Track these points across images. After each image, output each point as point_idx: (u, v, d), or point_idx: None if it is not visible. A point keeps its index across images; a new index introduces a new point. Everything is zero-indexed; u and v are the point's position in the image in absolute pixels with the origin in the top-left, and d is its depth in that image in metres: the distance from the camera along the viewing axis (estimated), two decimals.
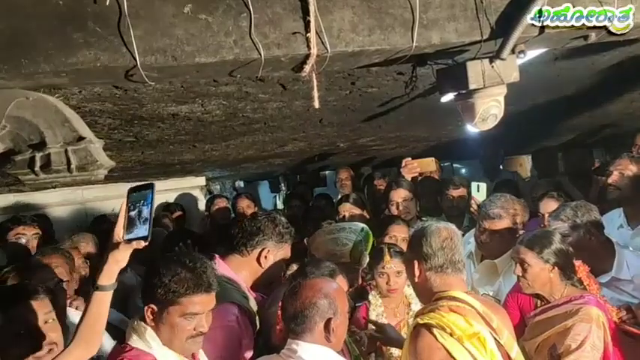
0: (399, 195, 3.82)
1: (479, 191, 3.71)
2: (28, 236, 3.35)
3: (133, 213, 1.59)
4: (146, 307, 1.85)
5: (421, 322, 1.87)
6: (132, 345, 1.84)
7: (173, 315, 1.82)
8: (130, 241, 1.58)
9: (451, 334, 1.81)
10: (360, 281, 2.68)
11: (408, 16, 1.78)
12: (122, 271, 1.70)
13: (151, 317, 1.84)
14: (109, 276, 1.62)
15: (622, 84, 3.59)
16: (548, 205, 3.28)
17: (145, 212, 1.58)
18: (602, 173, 3.46)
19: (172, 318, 1.82)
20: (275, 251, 2.40)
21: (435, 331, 1.82)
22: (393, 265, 2.78)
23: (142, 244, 1.58)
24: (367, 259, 2.66)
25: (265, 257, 2.38)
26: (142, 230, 1.57)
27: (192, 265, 1.85)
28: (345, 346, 2.32)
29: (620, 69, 3.09)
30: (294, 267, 2.72)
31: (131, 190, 1.63)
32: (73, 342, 1.65)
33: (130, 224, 1.59)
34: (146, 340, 1.83)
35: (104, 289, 1.63)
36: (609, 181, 3.12)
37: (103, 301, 1.64)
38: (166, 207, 5.05)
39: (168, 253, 2.12)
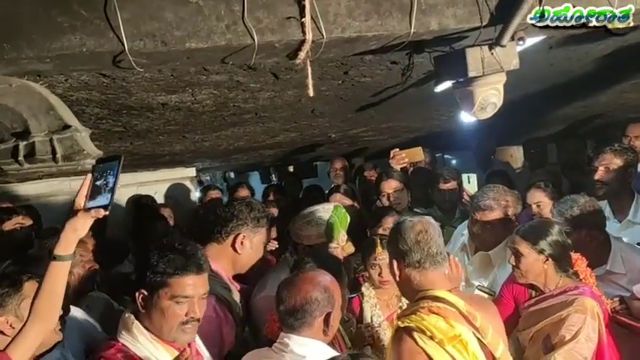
0: (390, 186, 3.80)
1: (470, 182, 3.70)
2: (26, 227, 3.28)
3: (98, 182, 1.56)
4: (137, 293, 1.80)
5: (402, 325, 1.82)
6: (119, 340, 1.80)
7: (163, 298, 1.77)
8: (89, 209, 1.54)
9: (431, 338, 1.77)
10: (341, 260, 2.67)
11: (406, 0, 1.74)
12: (119, 263, 1.69)
13: (142, 303, 1.79)
14: (66, 245, 1.57)
15: (614, 74, 3.58)
16: (535, 196, 3.30)
17: (110, 182, 1.56)
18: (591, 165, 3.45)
19: (162, 302, 1.77)
20: (251, 236, 2.35)
21: (415, 334, 1.78)
22: (384, 256, 2.76)
23: (102, 212, 1.55)
24: (345, 237, 2.66)
25: (241, 243, 2.33)
26: (104, 199, 1.54)
27: (181, 248, 1.83)
28: (341, 337, 2.30)
29: (613, 59, 3.08)
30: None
31: (98, 162, 1.61)
32: (28, 319, 1.60)
33: (94, 193, 1.56)
34: (134, 333, 1.78)
35: (61, 258, 1.57)
36: (596, 177, 3.12)
37: (60, 272, 1.58)
38: (138, 199, 4.89)
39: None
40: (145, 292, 1.79)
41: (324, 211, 2.65)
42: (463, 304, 1.87)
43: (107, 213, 1.55)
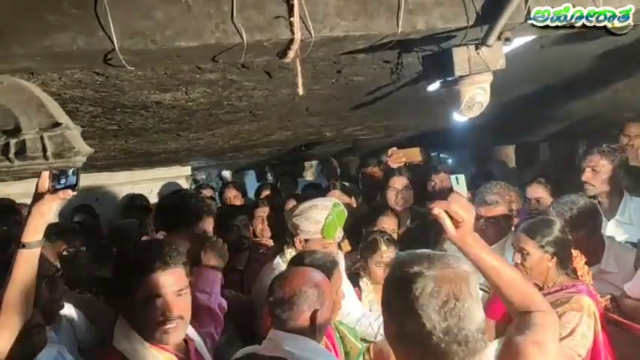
0: (401, 182, 3.78)
1: (458, 183, 3.71)
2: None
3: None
4: (114, 301, 1.78)
5: None
6: (115, 346, 1.73)
7: (135, 300, 1.70)
8: (56, 190, 1.50)
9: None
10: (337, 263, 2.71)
11: (393, 0, 1.75)
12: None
13: (121, 311, 1.74)
14: (34, 231, 1.51)
15: (607, 74, 3.58)
16: (537, 191, 3.34)
17: None
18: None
19: (135, 304, 1.69)
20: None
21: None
22: (389, 254, 2.81)
23: (70, 193, 1.51)
24: (341, 233, 2.70)
25: None
26: (71, 180, 1.51)
27: (144, 246, 1.76)
28: (335, 339, 2.31)
29: (605, 58, 3.08)
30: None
31: None
32: (1, 313, 1.52)
33: (59, 176, 1.53)
34: (132, 340, 1.72)
35: (30, 246, 1.51)
36: (583, 179, 3.16)
37: (29, 261, 1.51)
38: (131, 199, 4.86)
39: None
40: (119, 299, 1.74)
41: (322, 207, 2.68)
42: None
43: (75, 193, 1.51)
